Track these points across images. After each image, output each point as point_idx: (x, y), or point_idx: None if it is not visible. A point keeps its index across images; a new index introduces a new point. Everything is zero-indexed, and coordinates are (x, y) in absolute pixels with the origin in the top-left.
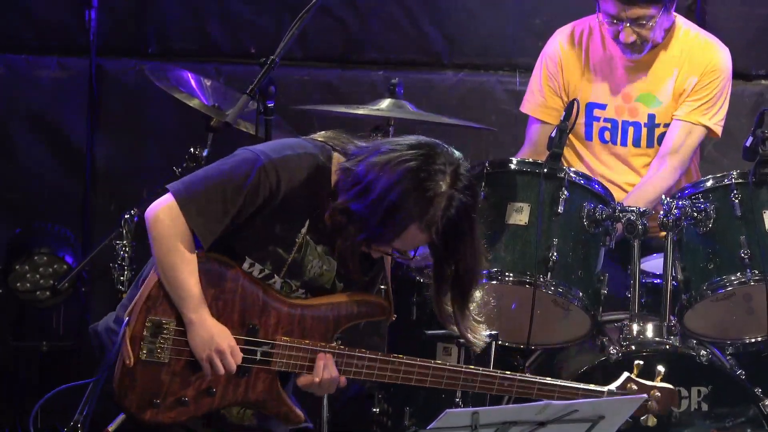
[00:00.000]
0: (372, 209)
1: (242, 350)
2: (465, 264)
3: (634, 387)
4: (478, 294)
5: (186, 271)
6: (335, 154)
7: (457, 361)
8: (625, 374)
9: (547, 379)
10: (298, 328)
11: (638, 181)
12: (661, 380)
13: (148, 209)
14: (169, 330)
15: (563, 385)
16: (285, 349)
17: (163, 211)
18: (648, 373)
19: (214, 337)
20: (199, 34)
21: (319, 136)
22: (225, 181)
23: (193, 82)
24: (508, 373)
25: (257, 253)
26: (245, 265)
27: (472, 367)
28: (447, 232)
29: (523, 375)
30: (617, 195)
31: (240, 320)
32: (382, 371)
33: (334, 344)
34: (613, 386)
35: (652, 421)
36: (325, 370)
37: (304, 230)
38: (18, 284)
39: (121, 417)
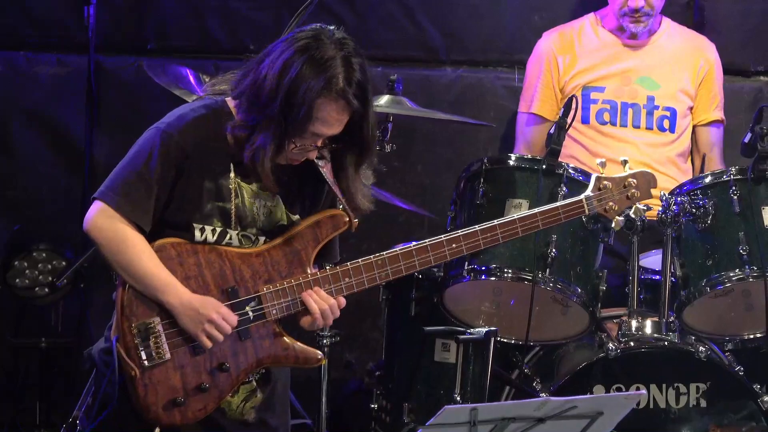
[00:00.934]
0: (269, 104)
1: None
2: (369, 124)
3: (607, 183)
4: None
5: (144, 258)
6: (227, 99)
7: (456, 357)
8: (594, 175)
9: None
10: (275, 272)
11: (641, 155)
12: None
13: (84, 224)
14: (156, 327)
15: (542, 209)
16: (272, 297)
17: (96, 216)
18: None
19: (200, 310)
20: (197, 31)
21: (206, 91)
22: (136, 162)
23: (191, 79)
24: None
25: (199, 215)
26: (197, 234)
27: (451, 234)
28: (360, 94)
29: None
30: (615, 170)
31: (217, 289)
32: (370, 276)
33: (315, 271)
34: (588, 192)
35: (639, 212)
36: (318, 301)
37: (232, 175)
38: (17, 281)
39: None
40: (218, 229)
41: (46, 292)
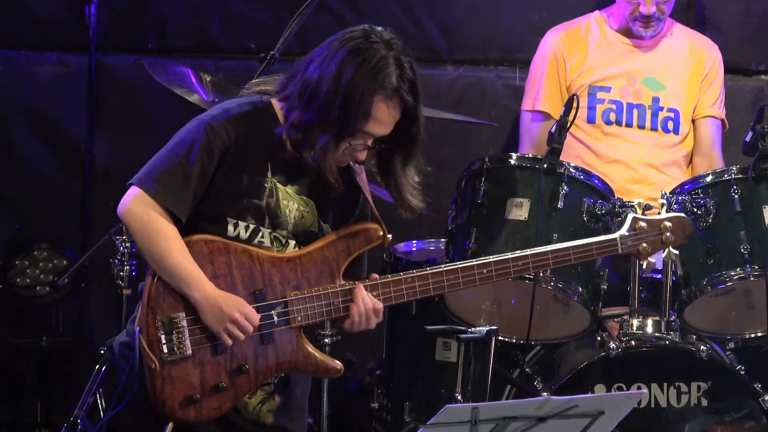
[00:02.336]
0: (327, 106)
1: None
2: (419, 123)
3: (643, 224)
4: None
5: (175, 250)
6: (271, 99)
7: (457, 356)
8: (630, 215)
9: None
10: (304, 279)
11: (646, 156)
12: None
13: (118, 209)
14: (181, 322)
15: (576, 245)
16: (299, 303)
17: (132, 202)
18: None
19: (223, 308)
20: (198, 30)
21: (248, 90)
22: (177, 152)
23: (192, 78)
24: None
25: (234, 210)
26: (230, 228)
27: (482, 259)
28: (412, 92)
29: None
30: (621, 170)
31: (245, 290)
32: (398, 292)
33: (343, 282)
34: (623, 231)
35: (674, 255)
36: (361, 306)
37: (269, 173)
38: (18, 280)
39: (169, 427)
40: (251, 226)
41: (47, 291)
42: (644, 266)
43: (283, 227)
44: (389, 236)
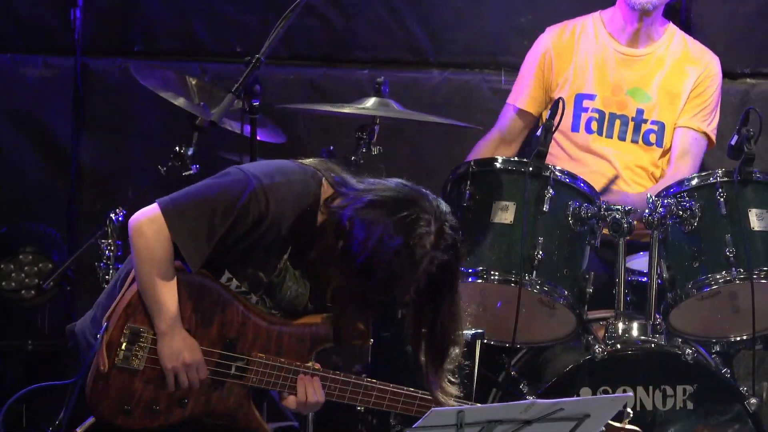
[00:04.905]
0: (362, 271)
1: (217, 364)
2: (442, 322)
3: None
4: (456, 352)
5: (165, 286)
6: (324, 182)
7: None
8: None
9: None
10: (275, 345)
11: (626, 167)
12: (629, 423)
13: (132, 218)
14: (147, 339)
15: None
16: (260, 365)
17: (148, 224)
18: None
19: (183, 351)
20: (184, 33)
21: (310, 162)
22: (215, 201)
23: (178, 81)
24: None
25: (237, 272)
26: (223, 278)
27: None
28: (426, 289)
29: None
30: (599, 181)
31: (218, 334)
32: (353, 395)
33: (309, 364)
34: None
35: None
36: (310, 391)
37: (285, 256)
38: (3, 283)
39: (90, 420)
40: (243, 289)
41: (33, 294)
42: None
43: (273, 299)
44: (371, 341)
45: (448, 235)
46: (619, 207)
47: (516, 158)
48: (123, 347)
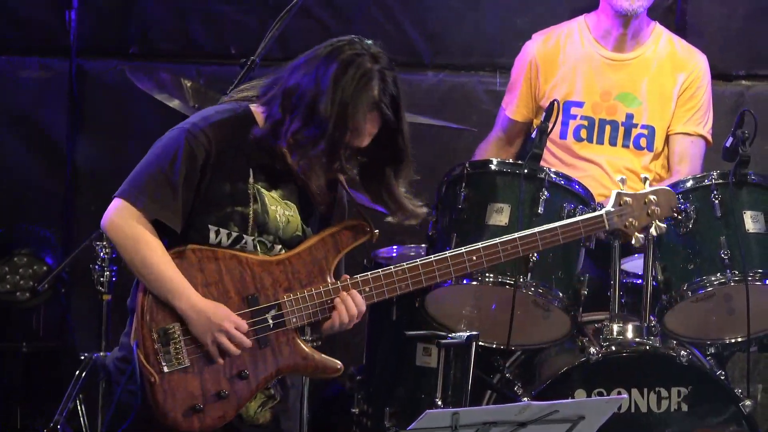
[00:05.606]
0: (323, 120)
1: (252, 323)
2: (403, 135)
3: (628, 199)
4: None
5: (159, 262)
6: (251, 104)
7: (437, 362)
8: (615, 191)
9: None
10: (295, 280)
11: (618, 172)
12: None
13: (102, 221)
14: (177, 333)
15: (563, 224)
16: (292, 305)
17: (116, 214)
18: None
19: (211, 318)
20: (180, 34)
21: (229, 98)
22: (161, 161)
23: (173, 83)
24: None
25: (217, 218)
26: (211, 236)
27: (471, 246)
28: (393, 106)
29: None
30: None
31: (237, 296)
32: (390, 286)
33: (335, 280)
34: (609, 207)
35: (659, 228)
36: (351, 305)
37: (251, 180)
38: None
39: None
40: (234, 234)
41: (27, 296)
42: (633, 242)
43: (270, 232)
44: (376, 231)
45: (380, 54)
46: (617, 181)
47: (511, 160)
48: (161, 352)
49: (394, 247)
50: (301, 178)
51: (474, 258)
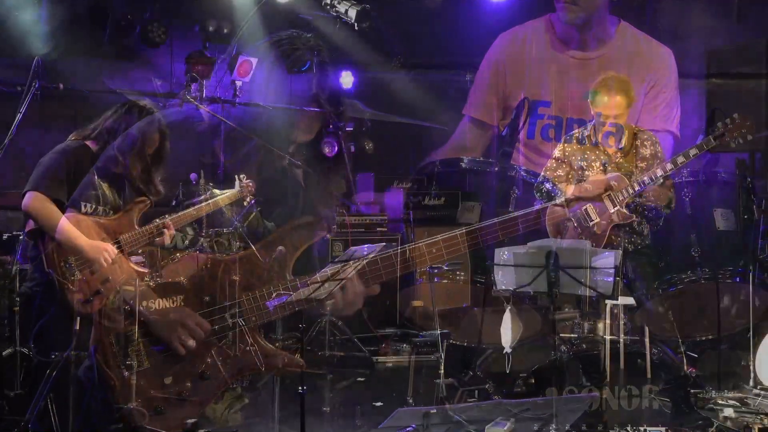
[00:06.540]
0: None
1: (212, 322)
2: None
3: (588, 186)
4: None
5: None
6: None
7: (408, 360)
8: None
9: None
10: (254, 278)
11: (588, 170)
12: None
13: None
14: (134, 335)
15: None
16: (251, 302)
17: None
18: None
19: (172, 316)
20: None
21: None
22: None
23: None
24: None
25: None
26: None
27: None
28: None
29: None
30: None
31: (195, 297)
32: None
33: (293, 278)
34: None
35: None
36: (350, 287)
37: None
38: None
39: None
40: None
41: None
42: (614, 217)
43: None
44: (334, 226)
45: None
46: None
47: (482, 158)
48: (120, 356)
49: (365, 246)
50: None
51: (434, 250)
